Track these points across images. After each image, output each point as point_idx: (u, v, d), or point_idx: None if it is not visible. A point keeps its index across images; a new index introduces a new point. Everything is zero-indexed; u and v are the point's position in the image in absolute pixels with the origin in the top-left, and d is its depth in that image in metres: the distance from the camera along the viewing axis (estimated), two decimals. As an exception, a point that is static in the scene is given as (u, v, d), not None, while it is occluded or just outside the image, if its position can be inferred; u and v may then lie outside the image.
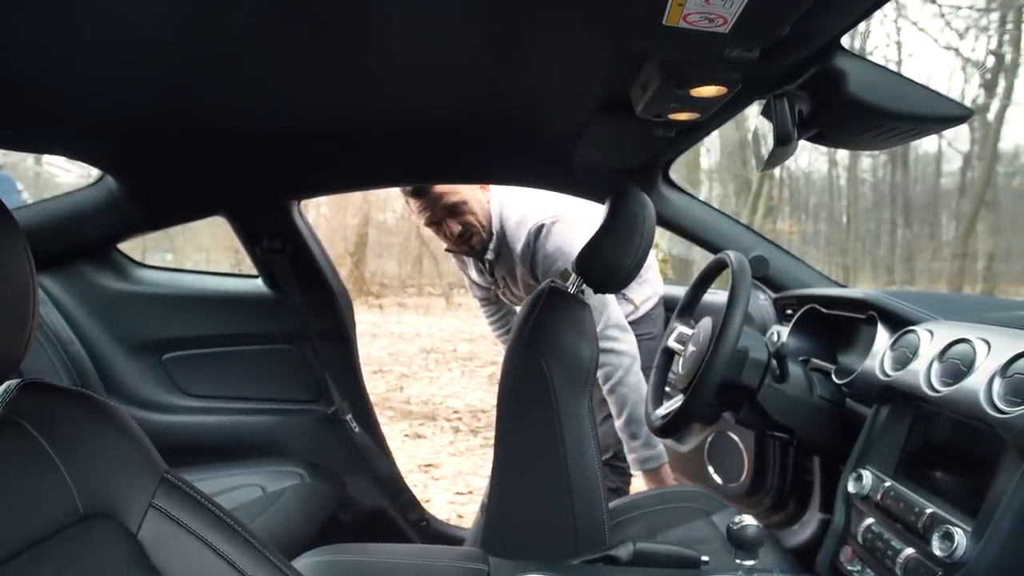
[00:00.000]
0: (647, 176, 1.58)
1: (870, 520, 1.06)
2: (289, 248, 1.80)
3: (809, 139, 1.00)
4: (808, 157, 11.30)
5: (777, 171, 10.13)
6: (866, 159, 10.64)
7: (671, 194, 1.65)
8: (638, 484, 3.22)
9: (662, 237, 4.96)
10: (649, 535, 1.38)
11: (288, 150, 1.50)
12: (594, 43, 0.90)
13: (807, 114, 0.95)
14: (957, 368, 0.98)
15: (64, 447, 0.73)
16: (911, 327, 1.16)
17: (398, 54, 0.98)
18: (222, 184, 1.66)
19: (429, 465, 3.66)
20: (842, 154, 10.74)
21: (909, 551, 0.95)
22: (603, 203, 1.74)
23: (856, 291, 1.44)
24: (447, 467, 3.62)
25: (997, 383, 0.89)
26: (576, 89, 1.12)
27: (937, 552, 0.89)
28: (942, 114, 0.87)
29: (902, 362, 1.11)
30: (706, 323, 1.34)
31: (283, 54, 0.96)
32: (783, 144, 0.91)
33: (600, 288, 1.30)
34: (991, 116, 8.64)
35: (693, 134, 1.26)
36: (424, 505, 2.11)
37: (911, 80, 0.87)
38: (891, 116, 0.87)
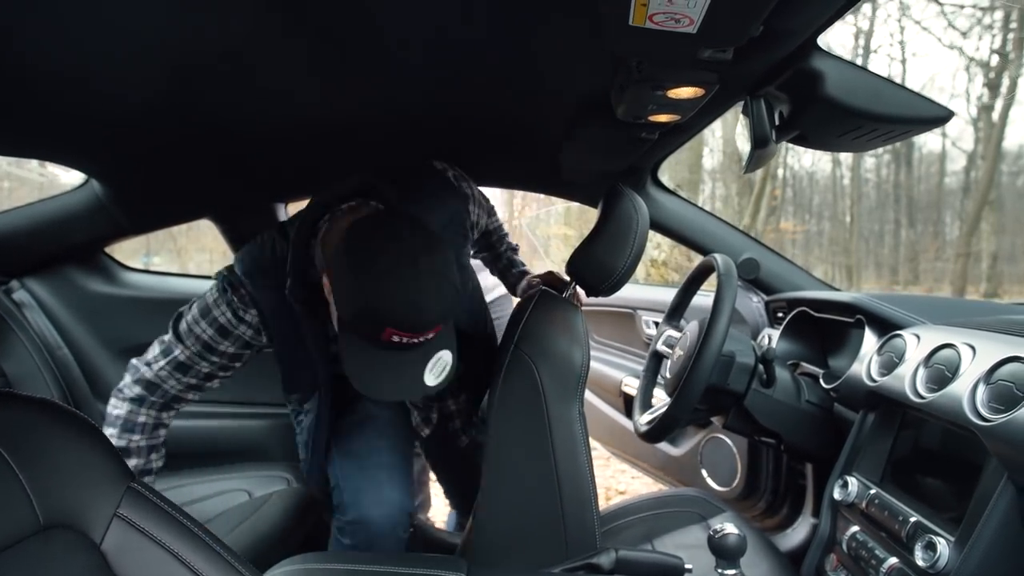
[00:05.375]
0: (635, 178, 1.56)
1: (855, 528, 1.05)
2: None
3: (791, 141, 0.98)
4: (812, 157, 11.27)
5: (780, 171, 10.10)
6: (869, 159, 10.61)
7: (660, 196, 1.64)
8: (638, 487, 3.21)
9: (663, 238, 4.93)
10: (644, 541, 1.36)
11: (274, 152, 1.50)
12: (573, 46, 0.89)
13: (787, 116, 0.93)
14: (942, 374, 0.96)
15: (23, 456, 0.72)
16: (898, 331, 1.15)
17: (385, 58, 0.97)
18: (207, 187, 1.65)
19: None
20: (845, 154, 10.71)
21: (892, 560, 0.93)
22: (592, 205, 1.74)
23: (844, 294, 1.43)
24: (445, 469, 3.60)
25: (981, 390, 0.87)
26: (558, 92, 1.11)
27: (920, 562, 0.87)
28: (922, 115, 0.85)
29: (888, 367, 1.10)
30: (693, 327, 1.32)
31: (270, 59, 0.96)
32: (760, 146, 0.89)
33: (592, 291, 1.28)
34: (995, 115, 8.60)
35: (678, 136, 1.24)
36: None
37: (891, 81, 0.85)
38: (870, 117, 0.85)
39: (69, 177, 1.69)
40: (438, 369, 1.14)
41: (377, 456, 1.46)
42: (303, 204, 1.26)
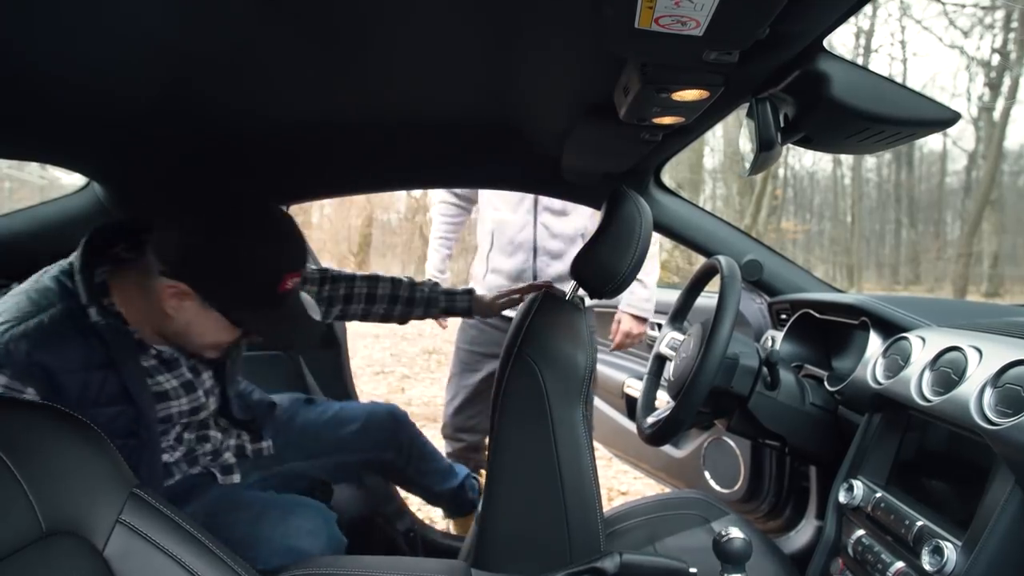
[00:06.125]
0: (638, 180, 1.56)
1: (860, 532, 1.04)
2: None
3: (796, 143, 0.98)
4: (812, 156, 11.28)
5: (781, 171, 10.10)
6: (870, 159, 10.63)
7: (663, 197, 1.63)
8: (640, 488, 3.21)
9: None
10: (647, 543, 1.36)
11: (276, 154, 1.49)
12: (577, 47, 0.89)
13: (792, 118, 0.93)
14: (948, 377, 0.95)
15: (26, 462, 0.71)
16: (903, 334, 1.14)
17: (389, 60, 0.97)
18: (208, 189, 1.64)
19: (429, 468, 3.63)
20: (847, 154, 10.72)
21: (899, 565, 0.93)
22: (595, 207, 1.73)
23: (849, 296, 1.42)
24: (447, 470, 3.59)
25: (988, 393, 0.87)
26: (562, 93, 1.11)
27: (926, 567, 0.86)
28: (928, 117, 0.85)
29: (894, 370, 1.09)
30: (696, 329, 1.32)
31: (273, 59, 0.95)
32: (766, 149, 0.89)
33: (595, 293, 1.28)
34: (996, 115, 8.60)
35: (681, 137, 1.24)
36: (424, 507, 2.08)
37: (897, 83, 0.85)
38: (876, 120, 0.85)
39: (70, 179, 1.68)
40: (311, 307, 1.21)
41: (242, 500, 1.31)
42: (303, 205, 1.26)
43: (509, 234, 2.16)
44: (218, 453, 1.39)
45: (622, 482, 3.34)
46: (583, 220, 2.13)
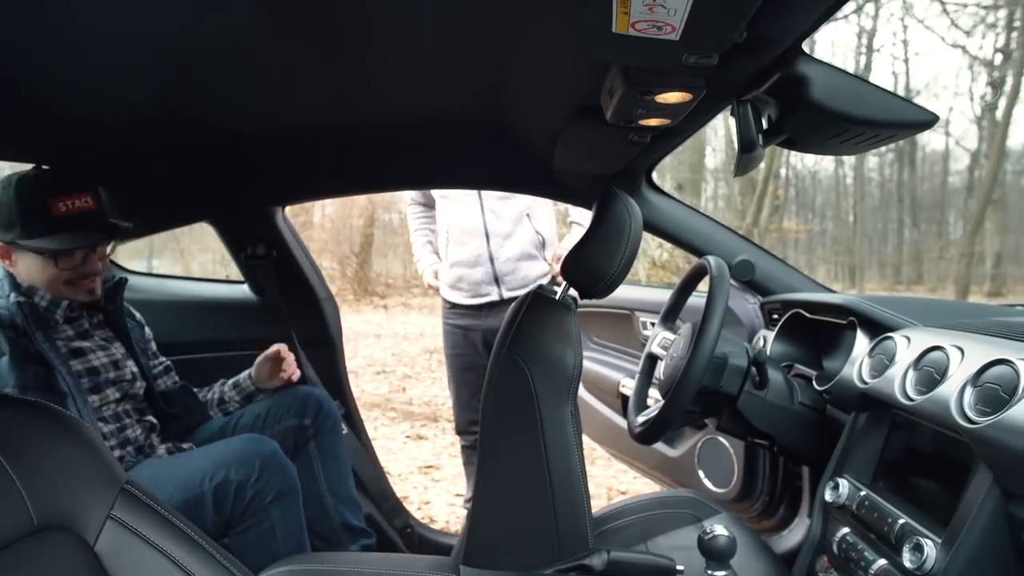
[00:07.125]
0: (629, 181, 1.57)
1: (845, 530, 1.05)
2: (273, 255, 1.80)
3: (780, 145, 0.99)
4: (814, 156, 11.24)
5: (783, 171, 10.09)
6: (872, 158, 10.62)
7: (654, 198, 1.64)
8: (639, 487, 3.21)
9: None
10: (639, 542, 1.37)
11: (273, 156, 1.51)
12: (564, 50, 0.90)
13: (775, 120, 0.94)
14: (931, 376, 0.96)
15: (18, 458, 0.73)
16: (889, 334, 1.15)
17: (383, 62, 0.98)
18: (206, 190, 1.66)
19: (430, 467, 3.66)
20: (848, 153, 10.69)
21: (881, 562, 0.94)
22: (587, 207, 1.74)
23: (837, 296, 1.43)
24: (448, 468, 3.62)
25: (968, 392, 0.87)
26: (552, 95, 1.12)
27: (907, 564, 0.87)
28: (907, 119, 0.86)
29: (879, 369, 1.10)
30: (686, 329, 1.33)
31: (270, 61, 0.96)
32: (747, 150, 0.90)
33: (585, 293, 1.29)
34: (999, 114, 8.57)
35: (670, 139, 1.25)
36: (424, 507, 2.09)
37: (876, 85, 0.86)
38: (855, 122, 0.85)
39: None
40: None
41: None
42: (304, 205, 1.27)
43: (461, 224, 2.29)
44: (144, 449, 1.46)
45: (621, 481, 3.35)
46: (526, 200, 2.28)
